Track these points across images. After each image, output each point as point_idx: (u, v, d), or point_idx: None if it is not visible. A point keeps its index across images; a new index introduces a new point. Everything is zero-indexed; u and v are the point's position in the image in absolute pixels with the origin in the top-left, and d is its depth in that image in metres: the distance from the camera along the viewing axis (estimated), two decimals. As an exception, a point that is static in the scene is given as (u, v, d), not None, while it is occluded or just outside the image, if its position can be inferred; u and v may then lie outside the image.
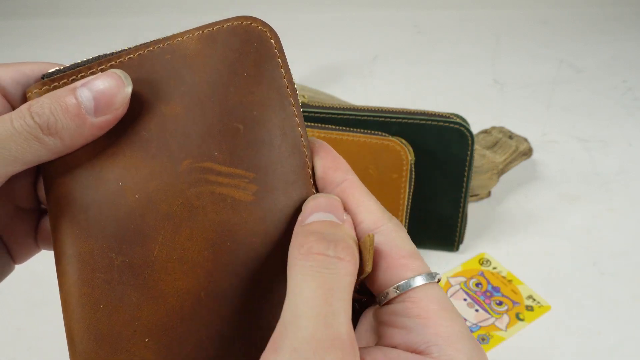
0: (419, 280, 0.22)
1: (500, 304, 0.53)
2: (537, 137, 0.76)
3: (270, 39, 0.25)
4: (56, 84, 0.23)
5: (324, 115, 0.53)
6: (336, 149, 0.53)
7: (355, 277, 0.21)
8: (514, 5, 1.19)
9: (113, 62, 0.23)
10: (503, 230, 0.62)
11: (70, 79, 0.23)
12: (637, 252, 0.59)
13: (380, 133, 0.50)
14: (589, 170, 0.71)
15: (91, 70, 0.23)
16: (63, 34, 1.13)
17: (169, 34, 0.25)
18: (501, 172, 0.64)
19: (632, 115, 0.83)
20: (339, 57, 1.01)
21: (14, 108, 0.24)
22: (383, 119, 0.52)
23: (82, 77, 0.23)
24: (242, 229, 0.23)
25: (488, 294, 0.54)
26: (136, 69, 0.23)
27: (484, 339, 0.49)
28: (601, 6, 1.18)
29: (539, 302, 0.53)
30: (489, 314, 0.52)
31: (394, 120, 0.52)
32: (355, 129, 0.50)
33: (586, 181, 0.69)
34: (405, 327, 0.22)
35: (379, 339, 0.23)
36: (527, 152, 0.67)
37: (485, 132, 0.68)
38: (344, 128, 0.51)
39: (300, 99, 0.55)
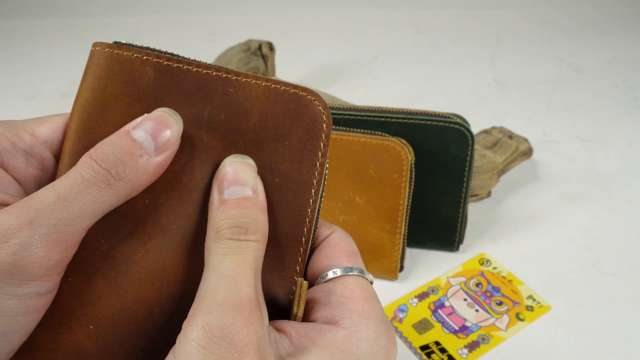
0: (355, 271, 0.25)
1: (500, 304, 0.53)
2: (537, 137, 0.76)
3: (324, 122, 0.25)
4: (121, 51, 0.24)
5: (324, 115, 0.53)
6: (336, 149, 0.54)
7: (264, 249, 0.23)
8: (514, 5, 1.19)
9: (181, 65, 0.24)
10: (503, 230, 0.62)
11: (140, 56, 0.24)
12: (637, 252, 0.59)
13: (380, 133, 0.50)
14: (589, 170, 0.71)
15: (157, 60, 0.24)
16: (63, 34, 1.13)
17: (169, 34, 0.25)
18: (501, 172, 0.64)
19: (632, 115, 0.83)
20: (339, 57, 1.01)
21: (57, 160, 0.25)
22: (383, 119, 0.52)
23: (147, 59, 0.24)
24: None
25: (488, 294, 0.54)
26: (199, 85, 0.24)
27: (484, 339, 0.49)
28: (601, 6, 1.18)
29: (539, 302, 0.53)
30: (489, 314, 0.52)
31: (394, 120, 0.52)
32: (355, 129, 0.50)
33: (586, 181, 0.69)
34: (329, 303, 0.24)
35: (306, 315, 0.25)
36: (527, 152, 0.67)
37: (485, 132, 0.68)
38: (344, 128, 0.51)
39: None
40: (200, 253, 0.24)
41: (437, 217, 0.56)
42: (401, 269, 0.54)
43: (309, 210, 0.25)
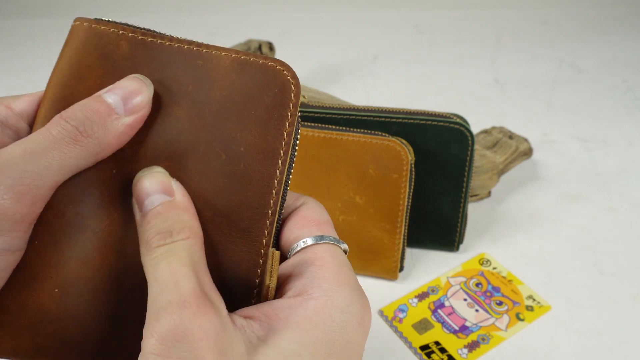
0: (326, 240, 0.25)
1: (500, 304, 0.53)
2: (537, 137, 0.76)
3: (292, 91, 0.25)
4: (99, 26, 0.25)
5: (324, 115, 0.53)
6: (336, 149, 0.54)
7: (200, 243, 0.23)
8: (514, 5, 1.19)
9: (154, 39, 0.25)
10: (503, 230, 0.62)
11: (117, 30, 0.25)
12: (637, 252, 0.59)
13: (380, 133, 0.50)
14: (589, 170, 0.71)
15: (132, 34, 0.25)
16: (63, 34, 1.12)
17: (169, 34, 0.26)
18: (501, 172, 0.64)
19: (632, 115, 0.83)
20: (339, 57, 1.01)
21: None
22: (383, 119, 0.52)
23: (123, 34, 0.25)
24: None
25: (488, 294, 0.54)
26: (170, 58, 0.25)
27: (484, 339, 0.49)
28: (601, 6, 1.18)
29: (539, 302, 0.53)
30: (489, 314, 0.52)
31: (394, 120, 0.52)
32: (355, 129, 0.50)
33: (586, 181, 0.69)
34: (300, 273, 0.24)
35: (279, 290, 0.25)
36: (527, 152, 0.67)
37: (485, 132, 0.68)
38: (344, 128, 0.51)
39: (300, 99, 0.55)
40: None
41: (437, 217, 0.56)
42: (401, 269, 0.54)
43: (275, 181, 0.25)
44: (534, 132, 0.77)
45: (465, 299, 0.53)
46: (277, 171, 0.25)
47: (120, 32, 0.25)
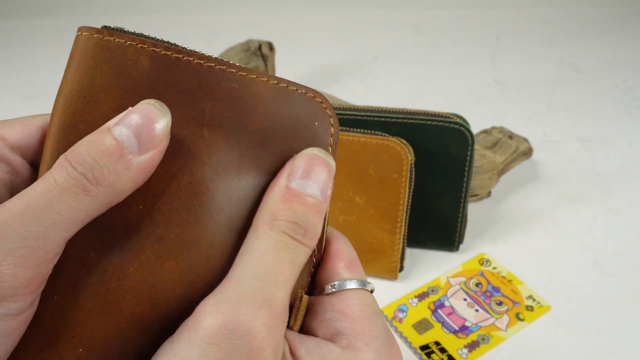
0: (352, 284, 0.24)
1: (500, 304, 0.53)
2: (537, 137, 0.76)
3: (331, 125, 0.24)
4: (112, 38, 0.21)
5: (324, 115, 0.53)
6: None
7: (307, 260, 0.22)
8: (514, 5, 1.19)
9: (180, 56, 0.22)
10: (503, 230, 0.62)
11: (135, 43, 0.22)
12: (637, 252, 0.58)
13: (380, 133, 0.50)
14: (589, 170, 0.71)
15: (154, 48, 0.22)
16: (63, 34, 1.13)
17: (169, 34, 0.24)
18: (501, 172, 0.64)
19: (632, 115, 0.83)
20: (339, 57, 1.01)
21: (31, 164, 0.24)
22: (383, 119, 0.52)
23: (142, 48, 0.22)
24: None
25: (488, 294, 0.54)
26: (200, 79, 0.22)
27: (484, 339, 0.49)
28: (601, 6, 1.18)
29: (539, 302, 0.53)
30: (489, 314, 0.52)
31: (394, 120, 0.52)
32: (355, 129, 0.50)
33: (586, 181, 0.69)
34: (326, 319, 0.24)
35: (302, 326, 0.24)
36: (527, 152, 0.67)
37: (485, 132, 0.68)
38: (344, 128, 0.51)
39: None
40: (200, 267, 0.22)
41: (437, 217, 0.56)
42: (401, 269, 0.54)
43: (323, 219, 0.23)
44: (534, 132, 0.77)
45: (465, 299, 0.53)
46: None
47: (139, 45, 0.22)
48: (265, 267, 0.20)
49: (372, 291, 0.25)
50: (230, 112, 0.22)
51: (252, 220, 0.22)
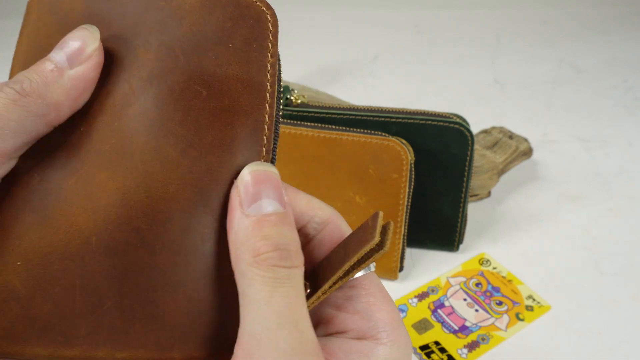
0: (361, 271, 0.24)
1: (500, 304, 0.53)
2: (537, 137, 0.76)
3: (269, 22, 0.24)
4: None
5: (324, 115, 0.53)
6: (336, 149, 0.54)
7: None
8: (514, 5, 1.19)
9: None
10: (503, 230, 0.62)
11: None
12: (637, 252, 0.58)
13: (380, 133, 0.50)
14: (589, 170, 0.71)
15: None
16: (63, 34, 1.13)
17: None
18: (501, 172, 0.64)
19: (632, 115, 0.83)
20: (339, 57, 1.01)
21: None
22: (383, 119, 0.52)
23: None
24: (163, 189, 0.22)
25: (488, 294, 0.54)
26: (128, 5, 0.23)
27: (484, 339, 0.49)
28: (601, 6, 1.18)
29: (539, 302, 0.53)
30: (489, 314, 0.52)
31: (394, 120, 0.52)
32: (355, 129, 0.50)
33: (586, 181, 0.69)
34: (357, 312, 0.24)
35: (329, 324, 0.24)
36: (527, 152, 0.67)
37: (485, 132, 0.68)
38: (344, 128, 0.51)
39: (300, 99, 0.55)
40: (136, 172, 0.21)
41: (437, 217, 0.56)
42: (401, 269, 0.54)
43: (266, 115, 0.23)
44: (534, 132, 0.77)
45: (465, 299, 0.53)
46: (267, 104, 0.23)
47: None
48: (279, 312, 0.19)
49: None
50: (160, 26, 0.23)
51: (228, 265, 0.21)
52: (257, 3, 0.24)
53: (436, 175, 0.54)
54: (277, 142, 0.24)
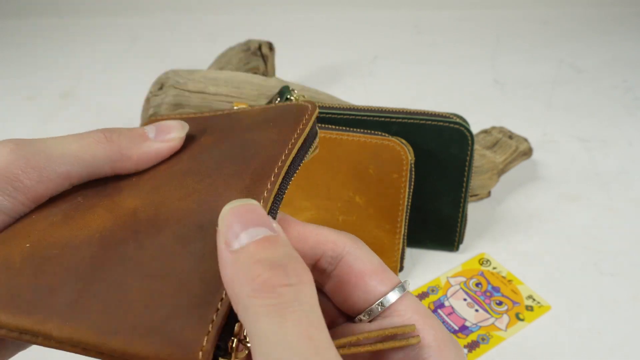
0: (397, 293, 0.23)
1: (500, 304, 0.53)
2: (537, 137, 0.76)
3: (308, 110, 0.29)
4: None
5: (324, 115, 0.53)
6: (336, 149, 0.54)
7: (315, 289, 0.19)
8: (514, 5, 1.19)
9: (195, 115, 0.31)
10: (503, 230, 0.62)
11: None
12: (637, 252, 0.58)
13: (380, 133, 0.50)
14: (589, 170, 0.71)
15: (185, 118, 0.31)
16: (63, 34, 1.13)
17: (169, 34, 0.26)
18: (501, 172, 0.64)
19: (632, 115, 0.83)
20: (339, 57, 1.01)
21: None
22: (383, 119, 0.52)
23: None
24: (172, 205, 0.24)
25: (488, 294, 0.54)
26: (210, 119, 0.30)
27: (484, 339, 0.49)
28: (601, 6, 1.18)
29: (539, 302, 0.53)
30: (489, 314, 0.52)
31: (394, 120, 0.52)
32: (355, 129, 0.50)
33: (586, 181, 0.69)
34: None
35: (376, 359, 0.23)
36: (527, 152, 0.67)
37: (485, 132, 0.68)
38: (344, 128, 0.51)
39: (300, 99, 0.55)
40: (168, 208, 0.24)
41: (437, 217, 0.56)
42: (401, 269, 0.54)
43: (280, 161, 0.26)
44: (534, 132, 0.77)
45: (465, 299, 0.53)
46: (283, 154, 0.26)
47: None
48: (296, 348, 0.16)
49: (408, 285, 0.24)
50: (226, 124, 0.29)
51: (206, 266, 0.20)
52: (305, 103, 0.29)
53: (436, 175, 0.54)
54: (286, 187, 0.26)
